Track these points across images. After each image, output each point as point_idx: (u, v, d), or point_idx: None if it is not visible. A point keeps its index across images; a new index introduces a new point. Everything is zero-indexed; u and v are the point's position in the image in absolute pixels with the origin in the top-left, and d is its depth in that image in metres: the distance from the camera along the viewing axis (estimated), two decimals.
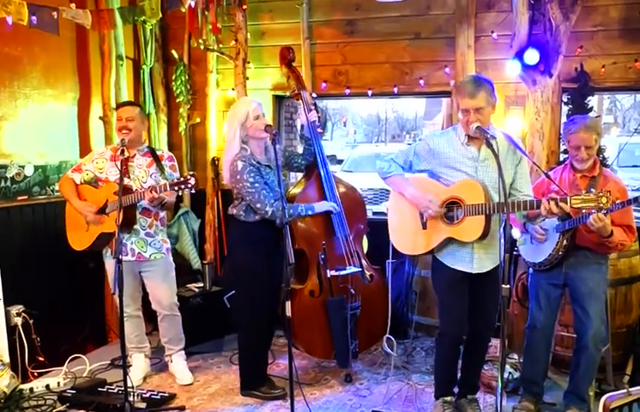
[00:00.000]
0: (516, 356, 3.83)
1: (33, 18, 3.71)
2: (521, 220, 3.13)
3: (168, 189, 3.37)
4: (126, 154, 3.42)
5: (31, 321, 3.87)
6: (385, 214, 3.54)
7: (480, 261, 3.02)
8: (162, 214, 3.84)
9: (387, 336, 3.84)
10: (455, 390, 3.36)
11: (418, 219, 3.10)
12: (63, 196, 3.73)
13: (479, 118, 2.86)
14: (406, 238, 3.20)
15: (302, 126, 4.07)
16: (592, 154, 3.12)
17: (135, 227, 3.67)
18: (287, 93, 4.73)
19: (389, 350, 3.85)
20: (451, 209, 3.00)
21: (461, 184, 2.97)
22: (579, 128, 3.09)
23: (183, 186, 3.30)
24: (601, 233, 2.95)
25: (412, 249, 3.20)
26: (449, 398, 3.29)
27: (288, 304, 2.92)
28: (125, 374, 3.16)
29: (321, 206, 3.62)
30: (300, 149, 4.13)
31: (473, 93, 2.85)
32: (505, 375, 3.63)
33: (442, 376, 3.30)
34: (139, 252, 3.71)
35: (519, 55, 4.03)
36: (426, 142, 3.12)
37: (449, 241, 3.03)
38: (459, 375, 3.37)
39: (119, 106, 3.88)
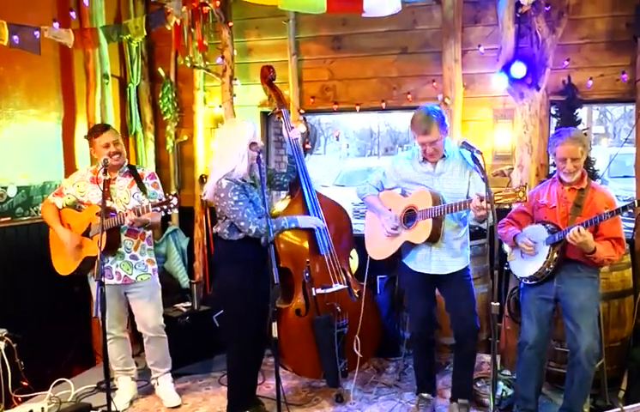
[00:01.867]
0: (509, 372, 3.78)
1: (15, 38, 3.68)
2: (472, 222, 3.40)
3: (150, 210, 3.31)
4: (108, 175, 3.36)
5: (14, 345, 3.77)
6: None
7: (438, 263, 3.29)
8: (149, 233, 3.78)
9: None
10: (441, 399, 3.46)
11: (383, 228, 3.46)
12: (46, 221, 3.68)
13: (435, 148, 3.19)
14: (375, 245, 3.56)
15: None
16: (578, 166, 3.10)
17: (119, 249, 3.61)
18: (269, 111, 4.70)
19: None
20: (412, 218, 3.31)
21: (415, 194, 3.32)
22: (564, 140, 3.08)
23: (165, 207, 3.25)
24: (583, 249, 2.95)
25: (380, 254, 3.54)
26: (425, 395, 3.54)
27: (274, 325, 2.87)
28: (109, 399, 3.09)
29: (305, 220, 3.58)
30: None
31: (427, 129, 3.15)
32: (499, 392, 3.59)
33: (417, 374, 3.61)
34: (125, 275, 3.65)
35: (506, 68, 4.03)
36: (392, 163, 3.53)
37: (411, 245, 3.34)
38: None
39: (98, 133, 3.64)
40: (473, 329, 3.33)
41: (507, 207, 3.10)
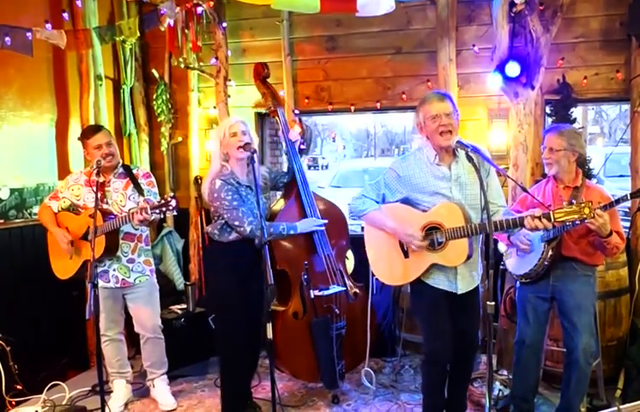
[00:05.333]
0: (505, 372, 3.77)
1: (7, 39, 3.65)
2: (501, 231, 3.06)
3: (149, 212, 3.28)
4: (101, 177, 3.32)
5: (8, 348, 3.75)
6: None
7: (463, 281, 2.96)
8: (145, 233, 3.76)
9: (366, 369, 3.71)
10: None
11: (398, 249, 3.01)
12: (43, 224, 3.66)
13: (450, 122, 2.83)
14: (388, 269, 3.09)
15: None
16: (555, 159, 3.10)
17: (117, 253, 3.59)
18: (263, 111, 4.65)
19: (368, 384, 3.77)
20: (430, 234, 2.89)
21: (438, 208, 2.88)
22: (552, 131, 3.15)
23: (164, 209, 3.19)
24: (601, 232, 2.85)
25: (395, 279, 3.13)
26: None
27: (269, 326, 2.83)
28: (103, 402, 3.07)
29: (305, 225, 3.49)
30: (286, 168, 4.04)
31: (442, 98, 2.91)
32: (495, 392, 3.58)
33: (430, 402, 3.15)
34: (123, 279, 3.63)
35: (500, 68, 4.03)
36: (394, 170, 3.01)
37: (433, 265, 2.95)
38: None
39: (90, 134, 3.60)
40: (475, 346, 3.18)
41: (569, 224, 2.79)
